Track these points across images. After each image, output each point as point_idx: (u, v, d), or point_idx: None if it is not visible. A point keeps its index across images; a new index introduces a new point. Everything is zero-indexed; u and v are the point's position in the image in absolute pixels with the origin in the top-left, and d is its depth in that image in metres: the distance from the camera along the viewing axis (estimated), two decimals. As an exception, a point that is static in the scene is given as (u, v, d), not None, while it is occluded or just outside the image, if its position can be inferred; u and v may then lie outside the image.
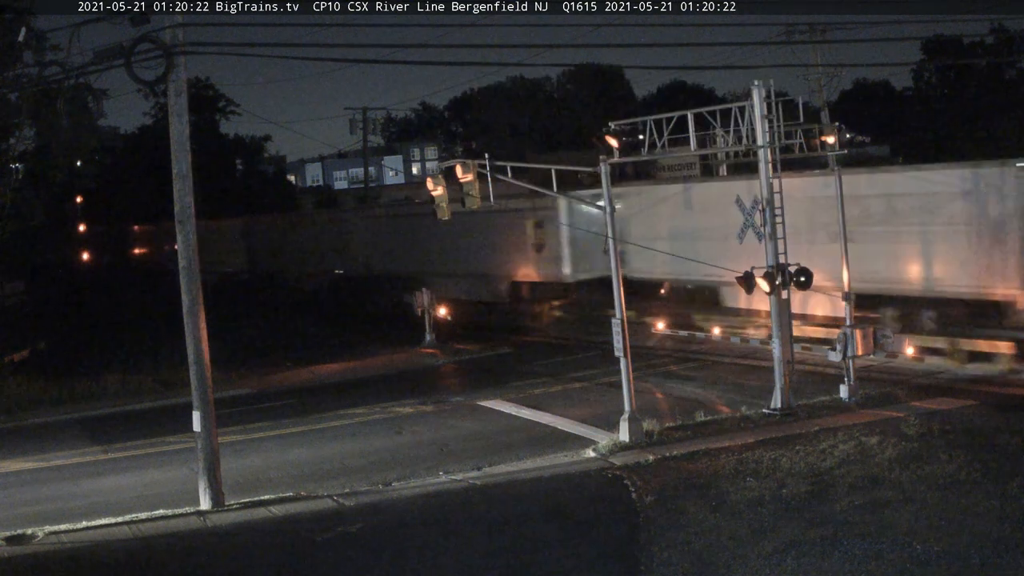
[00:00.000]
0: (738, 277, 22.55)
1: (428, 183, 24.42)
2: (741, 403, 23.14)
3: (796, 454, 18.80)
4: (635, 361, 21.77)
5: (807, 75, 44.81)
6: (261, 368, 33.15)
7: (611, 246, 21.56)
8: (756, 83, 22.41)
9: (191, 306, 18.62)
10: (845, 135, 24.07)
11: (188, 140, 18.59)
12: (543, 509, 17.33)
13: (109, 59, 18.08)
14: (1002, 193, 24.64)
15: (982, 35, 64.63)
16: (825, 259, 25.13)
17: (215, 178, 65.12)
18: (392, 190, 79.29)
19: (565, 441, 21.82)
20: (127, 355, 35.73)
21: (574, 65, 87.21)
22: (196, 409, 18.59)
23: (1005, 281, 24.68)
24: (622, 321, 21.18)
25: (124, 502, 19.19)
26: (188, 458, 20.37)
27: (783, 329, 22.51)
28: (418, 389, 28.96)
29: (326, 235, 52.30)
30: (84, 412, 28.64)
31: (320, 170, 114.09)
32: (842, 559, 13.68)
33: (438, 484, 19.30)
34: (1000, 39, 65.98)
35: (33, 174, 39.97)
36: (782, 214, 22.57)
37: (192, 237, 18.61)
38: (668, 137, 23.82)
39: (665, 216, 33.50)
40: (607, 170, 21.70)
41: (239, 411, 26.65)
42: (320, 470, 21.03)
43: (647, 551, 14.68)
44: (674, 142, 24.51)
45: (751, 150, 23.51)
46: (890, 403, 22.46)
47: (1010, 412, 20.77)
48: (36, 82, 26.40)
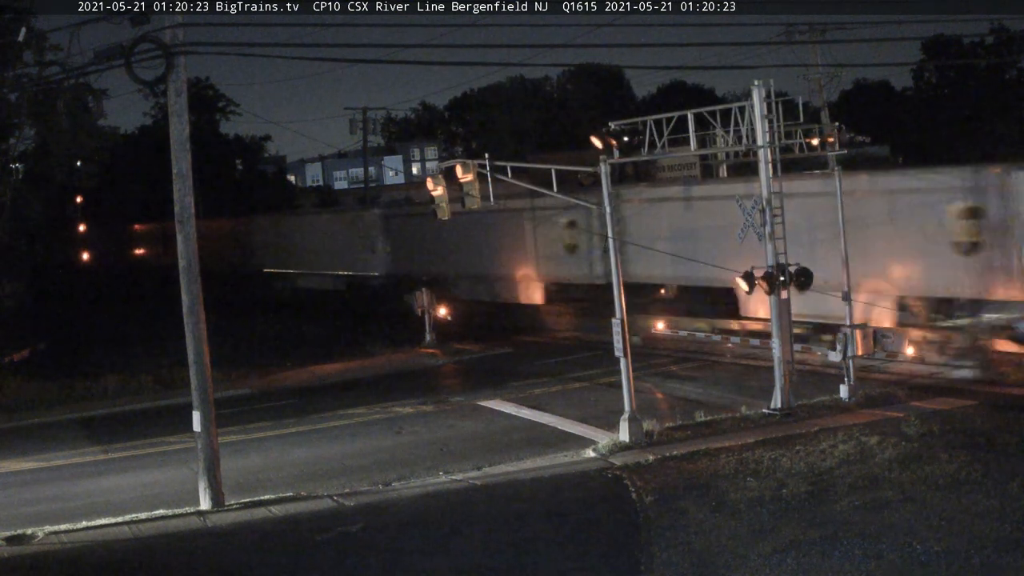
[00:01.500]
0: (738, 277, 22.55)
1: (428, 183, 24.45)
2: (741, 403, 23.13)
3: (796, 454, 18.80)
4: (635, 361, 21.78)
5: (807, 75, 44.78)
6: (261, 368, 33.14)
7: (611, 246, 21.57)
8: (756, 83, 22.43)
9: (191, 306, 18.61)
10: (845, 135, 24.06)
11: (188, 140, 18.58)
12: (543, 509, 17.33)
13: (109, 59, 18.08)
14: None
15: (982, 35, 64.69)
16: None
17: (215, 178, 65.08)
18: (392, 190, 79.24)
19: (565, 441, 21.83)
20: (127, 355, 35.74)
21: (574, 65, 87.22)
22: (196, 409, 18.59)
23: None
24: (622, 321, 21.19)
25: (124, 502, 19.18)
26: (188, 458, 20.37)
27: (783, 329, 22.52)
28: (418, 389, 28.97)
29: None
30: (84, 412, 28.63)
31: (320, 170, 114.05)
32: (842, 559, 13.68)
33: (438, 484, 19.29)
34: (1000, 39, 65.99)
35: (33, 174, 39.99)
36: (782, 214, 22.58)
37: (192, 237, 18.60)
38: (668, 137, 23.83)
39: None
40: (607, 170, 21.70)
41: (239, 411, 26.65)
42: (320, 470, 21.02)
43: (647, 551, 14.67)
44: (674, 142, 24.54)
45: (751, 150, 23.52)
46: (890, 403, 22.46)
47: (1010, 412, 20.78)
48: (36, 82, 26.43)
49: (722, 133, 23.73)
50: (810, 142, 23.76)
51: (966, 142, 55.70)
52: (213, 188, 61.16)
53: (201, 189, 21.34)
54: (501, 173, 22.88)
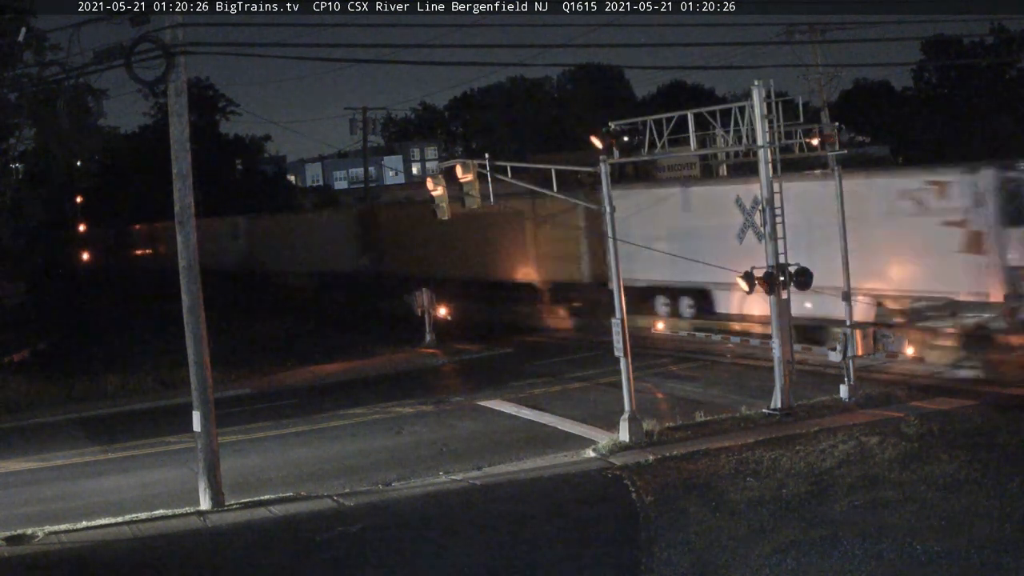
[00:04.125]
0: (738, 277, 22.55)
1: (428, 183, 24.45)
2: (741, 403, 23.12)
3: (796, 454, 18.81)
4: (635, 361, 21.77)
5: (807, 75, 44.86)
6: (261, 368, 33.13)
7: (611, 246, 21.56)
8: (756, 83, 22.42)
9: (191, 306, 18.61)
10: (845, 135, 24.08)
11: (188, 140, 18.58)
12: (543, 509, 17.32)
13: (109, 59, 18.06)
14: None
15: (982, 35, 64.77)
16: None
17: (215, 178, 65.09)
18: (392, 190, 79.25)
19: (565, 441, 21.83)
20: (127, 355, 35.72)
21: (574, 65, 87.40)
22: (196, 409, 18.58)
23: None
24: (622, 321, 21.19)
25: (124, 502, 19.18)
26: (188, 458, 20.36)
27: (783, 329, 22.51)
28: (418, 389, 28.96)
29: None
30: (84, 412, 28.58)
31: (320, 170, 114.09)
32: (842, 559, 13.69)
33: (438, 484, 19.29)
34: (1000, 39, 66.04)
35: (33, 174, 40.03)
36: (782, 214, 22.57)
37: (192, 237, 18.59)
38: (668, 137, 23.83)
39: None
40: (607, 170, 21.69)
41: (239, 411, 26.64)
42: (320, 470, 21.02)
43: (647, 551, 14.67)
44: (674, 142, 24.52)
45: (751, 150, 23.52)
46: (890, 403, 22.46)
47: (1010, 412, 20.78)
48: (36, 82, 26.39)
49: (722, 133, 23.73)
50: (810, 142, 23.75)
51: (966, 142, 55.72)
52: (213, 188, 61.15)
53: (201, 189, 21.31)
54: (501, 173, 22.88)
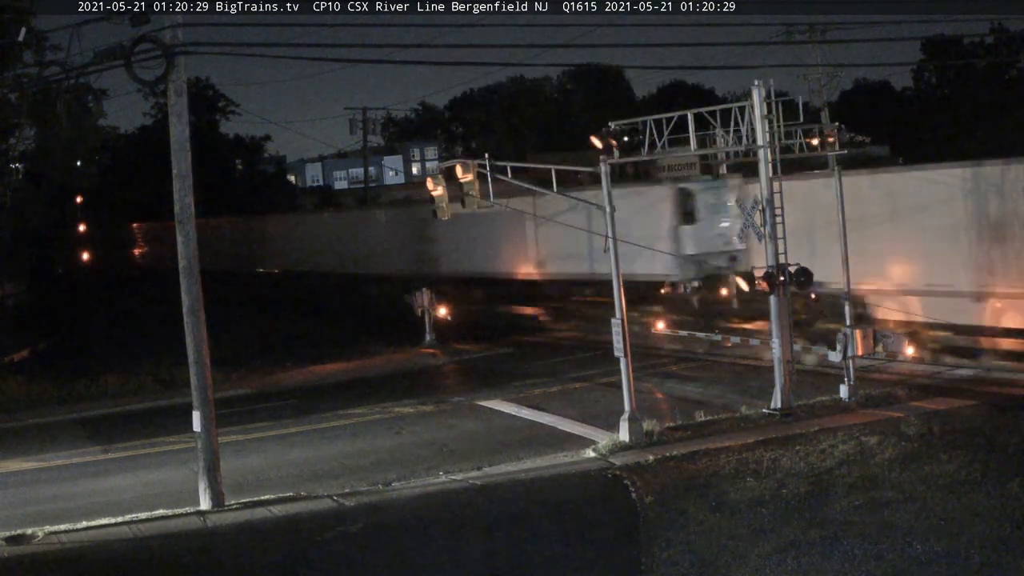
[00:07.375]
0: (738, 276, 22.57)
1: (428, 183, 24.42)
2: (741, 403, 23.12)
3: (796, 454, 18.80)
4: (635, 361, 21.77)
5: (807, 75, 44.88)
6: (261, 368, 33.13)
7: (611, 246, 21.55)
8: (756, 83, 22.42)
9: (191, 306, 18.61)
10: (845, 135, 24.06)
11: (188, 140, 18.59)
12: (543, 509, 17.32)
13: (109, 59, 18.07)
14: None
15: (982, 35, 64.76)
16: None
17: (215, 178, 65.11)
18: (392, 190, 79.28)
19: (565, 441, 21.83)
20: (127, 355, 35.72)
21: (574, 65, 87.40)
22: (196, 409, 18.59)
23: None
24: (622, 321, 21.19)
25: (124, 502, 19.18)
26: (188, 458, 20.36)
27: (783, 329, 22.51)
28: (418, 389, 28.96)
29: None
30: (84, 412, 28.60)
31: (320, 170, 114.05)
32: (842, 559, 13.69)
33: (438, 484, 19.30)
34: (1000, 39, 66.05)
35: (33, 174, 40.04)
36: (782, 214, 22.56)
37: (192, 237, 18.60)
38: (668, 137, 23.80)
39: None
40: (607, 170, 21.70)
41: (239, 411, 26.63)
42: (320, 470, 21.03)
43: (647, 551, 14.68)
44: (674, 142, 24.48)
45: (751, 150, 23.51)
46: (890, 403, 22.46)
47: (1010, 412, 20.76)
48: (36, 82, 26.42)
49: (722, 133, 23.71)
50: (810, 142, 23.74)
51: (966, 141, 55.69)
52: (213, 188, 61.19)
53: (201, 189, 21.31)
54: (501, 173, 22.87)
